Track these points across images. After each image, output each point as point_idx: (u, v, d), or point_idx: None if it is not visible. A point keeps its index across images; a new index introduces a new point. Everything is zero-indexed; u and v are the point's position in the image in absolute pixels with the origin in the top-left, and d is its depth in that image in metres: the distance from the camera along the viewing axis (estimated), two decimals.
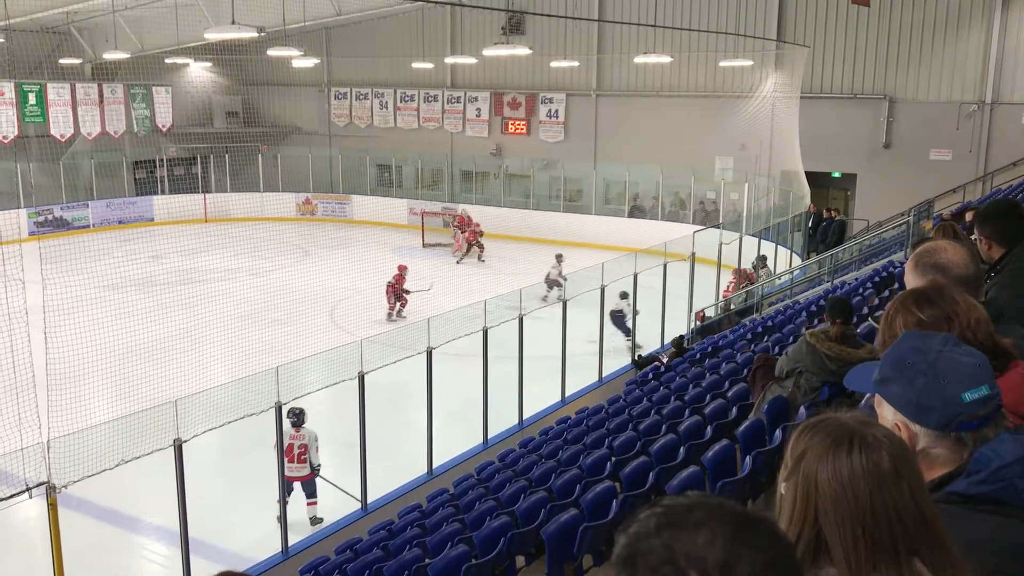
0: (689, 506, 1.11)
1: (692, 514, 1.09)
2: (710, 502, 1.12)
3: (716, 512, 1.10)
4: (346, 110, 34.04)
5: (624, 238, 25.39)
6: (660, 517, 1.10)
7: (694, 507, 1.10)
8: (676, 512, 1.10)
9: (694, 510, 1.10)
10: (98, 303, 17.47)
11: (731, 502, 1.12)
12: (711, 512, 1.09)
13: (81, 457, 8.17)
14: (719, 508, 1.11)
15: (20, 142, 27.61)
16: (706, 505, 1.11)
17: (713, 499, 1.13)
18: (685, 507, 1.11)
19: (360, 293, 21.38)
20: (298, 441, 10.61)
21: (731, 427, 7.11)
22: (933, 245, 2.94)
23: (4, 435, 9.89)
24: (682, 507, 1.11)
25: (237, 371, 12.67)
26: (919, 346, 1.84)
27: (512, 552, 6.65)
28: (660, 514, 1.11)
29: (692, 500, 1.12)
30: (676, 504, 1.12)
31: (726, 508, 1.11)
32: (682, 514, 1.10)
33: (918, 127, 23.72)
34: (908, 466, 1.44)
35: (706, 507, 1.10)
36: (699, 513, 1.09)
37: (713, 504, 1.11)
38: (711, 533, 1.06)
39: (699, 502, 1.12)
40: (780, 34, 25.24)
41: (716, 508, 1.10)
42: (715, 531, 1.06)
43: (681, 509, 1.10)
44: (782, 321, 12.83)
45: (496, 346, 12.51)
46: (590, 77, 29.04)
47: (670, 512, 1.10)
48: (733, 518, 1.09)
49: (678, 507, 1.11)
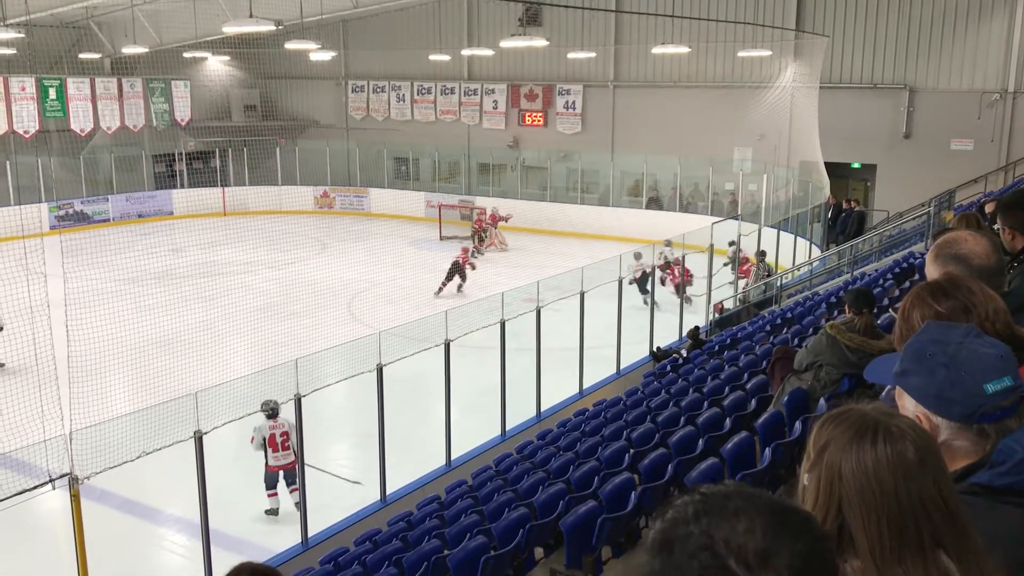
0: (727, 494, 1.10)
1: (730, 502, 1.09)
2: (748, 491, 1.11)
3: (754, 501, 1.09)
4: (363, 103, 34.09)
5: (642, 230, 25.33)
6: (698, 504, 1.09)
7: (732, 495, 1.10)
8: (714, 500, 1.10)
9: (732, 498, 1.09)
10: (119, 296, 17.60)
11: (767, 492, 1.12)
12: (749, 501, 1.09)
13: (103, 449, 8.25)
14: (757, 497, 1.10)
15: (41, 137, 27.85)
16: (744, 494, 1.10)
17: (750, 488, 1.12)
18: (723, 495, 1.10)
19: (378, 286, 21.44)
20: (279, 430, 10.65)
21: (750, 419, 7.08)
22: (954, 236, 2.91)
23: (27, 427, 10.01)
24: (720, 495, 1.10)
25: (256, 363, 12.74)
26: (940, 337, 1.83)
27: (531, 544, 6.67)
28: (698, 501, 1.10)
29: (730, 488, 1.12)
30: (714, 492, 1.11)
31: (764, 498, 1.11)
32: (720, 501, 1.09)
33: (939, 117, 23.49)
34: (933, 457, 1.43)
35: (744, 496, 1.10)
36: (737, 501, 1.09)
37: (751, 493, 1.11)
38: (750, 521, 1.06)
39: (737, 491, 1.11)
40: (799, 24, 25.04)
41: (754, 497, 1.10)
42: (754, 520, 1.06)
43: (719, 497, 1.10)
44: (801, 313, 12.76)
45: (513, 338, 12.52)
46: (607, 68, 28.93)
47: (708, 500, 1.10)
48: (771, 508, 1.09)
49: (716, 495, 1.11)
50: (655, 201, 28.48)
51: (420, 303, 19.44)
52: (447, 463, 11.35)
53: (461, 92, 32.03)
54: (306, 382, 9.90)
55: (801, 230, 22.63)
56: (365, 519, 10.00)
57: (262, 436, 10.67)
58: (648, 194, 28.56)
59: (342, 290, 20.51)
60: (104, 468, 8.24)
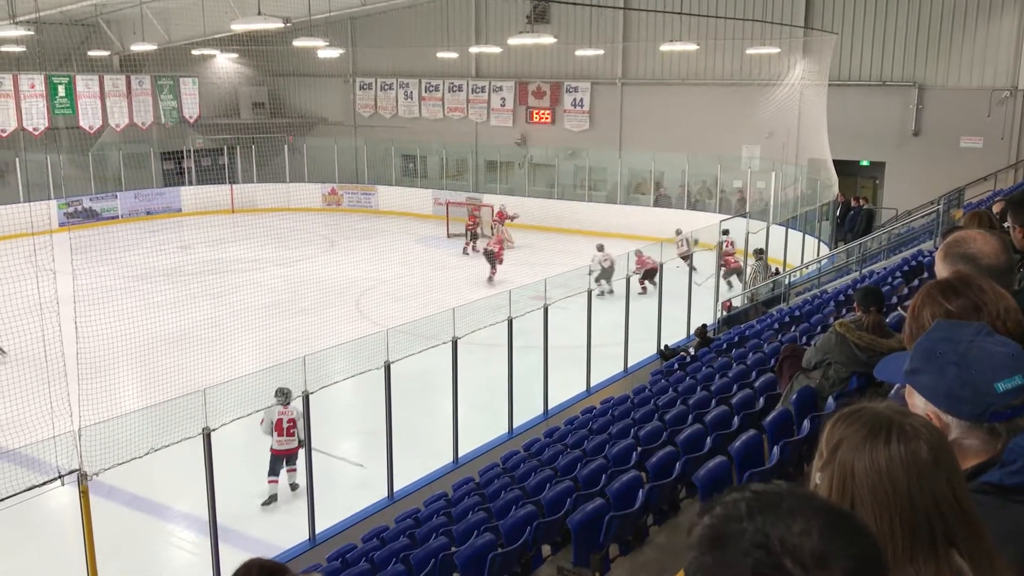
0: (780, 493, 1.09)
1: (784, 501, 1.07)
2: (800, 492, 1.10)
3: (808, 503, 1.08)
4: (371, 100, 34.11)
5: (649, 227, 25.30)
6: (751, 501, 1.08)
7: (785, 495, 1.08)
8: (768, 498, 1.08)
9: (785, 498, 1.08)
10: (127, 293, 17.68)
11: (818, 494, 1.11)
12: (803, 502, 1.08)
13: (112, 445, 8.29)
14: (810, 499, 1.09)
15: (50, 134, 27.92)
16: (798, 495, 1.09)
17: (803, 490, 1.11)
18: (776, 494, 1.09)
19: (385, 283, 21.46)
20: (287, 416, 11.07)
21: (758, 417, 7.07)
22: (963, 235, 2.90)
23: (37, 423, 10.05)
24: (773, 494, 1.09)
25: (264, 360, 12.76)
26: (950, 336, 1.82)
27: (538, 541, 6.67)
28: (750, 499, 1.08)
29: (782, 488, 1.10)
30: (766, 491, 1.10)
31: (817, 499, 1.10)
32: (774, 500, 1.08)
33: (948, 114, 23.40)
34: (947, 456, 1.42)
35: (797, 496, 1.09)
36: (791, 501, 1.07)
37: (805, 495, 1.10)
38: (806, 523, 1.04)
39: (789, 491, 1.10)
40: (808, 21, 24.97)
41: (807, 499, 1.09)
42: (810, 521, 1.05)
43: (772, 496, 1.08)
44: (809, 311, 12.74)
45: (521, 335, 12.52)
46: (615, 65, 28.89)
47: (761, 497, 1.08)
48: (826, 510, 1.08)
49: (769, 493, 1.09)
50: (664, 198, 28.44)
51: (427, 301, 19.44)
52: (454, 460, 11.37)
53: (469, 89, 32.02)
54: (314, 379, 9.93)
55: (809, 228, 22.58)
56: (372, 516, 10.02)
57: (271, 419, 11.09)
58: (656, 191, 28.51)
59: (350, 287, 20.53)
60: (113, 464, 8.28)
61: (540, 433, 11.25)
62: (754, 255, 18.69)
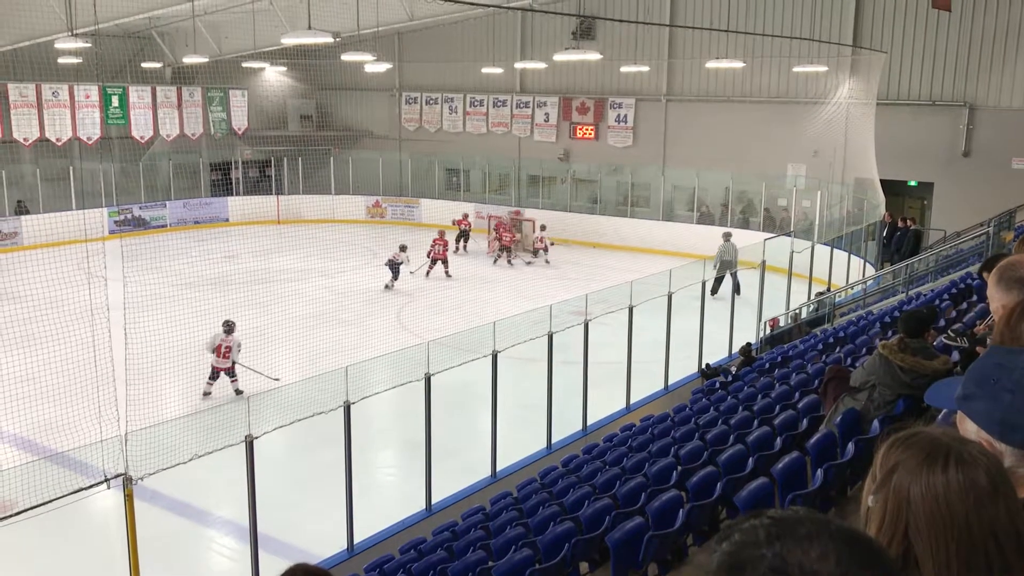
0: (798, 519, 1.10)
1: (802, 527, 1.08)
2: (818, 517, 1.11)
3: (826, 528, 1.09)
4: (416, 114, 34.40)
5: (692, 245, 25.15)
6: (769, 527, 1.09)
7: (803, 520, 1.09)
8: (786, 524, 1.09)
9: (804, 523, 1.09)
10: (175, 301, 17.96)
11: (836, 519, 1.11)
12: (821, 527, 1.09)
13: (157, 450, 8.41)
14: (828, 524, 1.10)
15: (103, 143, 28.54)
16: (815, 520, 1.10)
17: (819, 515, 1.12)
18: (794, 520, 1.10)
19: (426, 295, 21.57)
20: (225, 343, 14.54)
21: (801, 439, 6.99)
22: (1017, 259, 2.86)
23: (85, 427, 10.24)
24: (792, 520, 1.10)
25: (307, 370, 12.89)
26: (1004, 362, 1.79)
27: (576, 558, 6.64)
28: (768, 524, 1.10)
29: (799, 514, 1.11)
30: (784, 516, 1.11)
31: (835, 525, 1.10)
32: (792, 526, 1.09)
33: (999, 135, 23.00)
34: (1005, 484, 1.41)
35: (815, 522, 1.09)
36: (809, 527, 1.08)
37: (822, 520, 1.10)
38: (824, 548, 1.05)
39: (807, 516, 1.11)
40: (856, 39, 24.73)
41: (825, 524, 1.10)
42: (827, 547, 1.06)
43: (791, 521, 1.10)
44: (854, 332, 12.56)
45: (561, 350, 12.50)
46: (660, 82, 28.84)
47: (779, 523, 1.09)
48: (844, 535, 1.08)
49: (787, 519, 1.10)
50: (707, 216, 28.28)
51: (469, 313, 19.52)
52: (492, 474, 11.36)
53: (513, 104, 32.15)
54: (355, 389, 10.00)
55: (856, 248, 22.29)
56: (410, 527, 10.05)
57: (213, 343, 14.50)
58: (699, 209, 28.36)
59: (392, 299, 20.68)
60: (157, 469, 8.40)
61: (579, 449, 11.21)
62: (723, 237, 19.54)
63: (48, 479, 8.16)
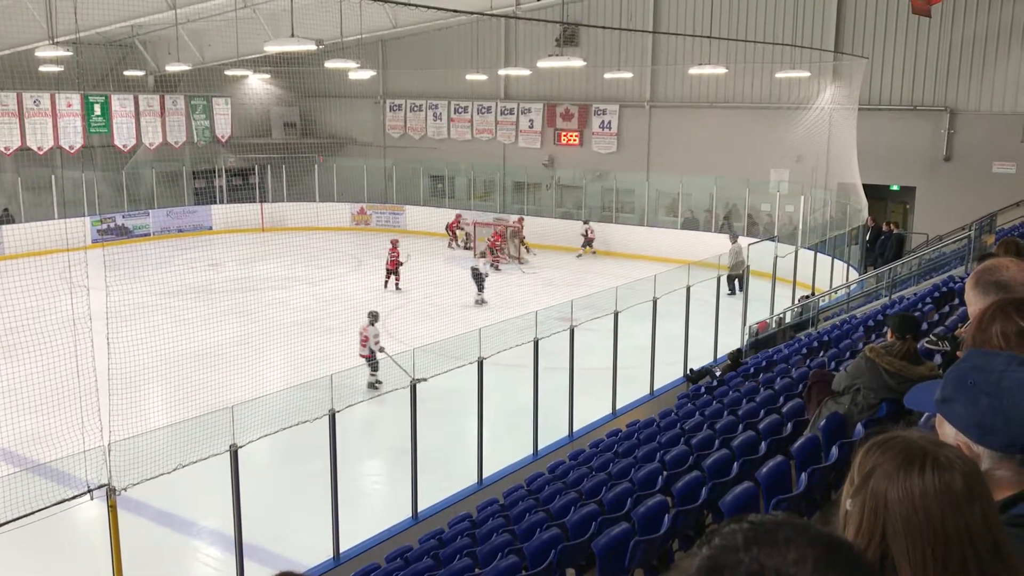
0: (777, 523, 1.11)
1: (780, 532, 1.09)
2: (796, 522, 1.12)
3: (804, 533, 1.10)
4: (401, 121, 34.40)
5: (677, 250, 25.23)
6: (747, 532, 1.10)
7: (782, 525, 1.10)
8: (764, 529, 1.10)
9: (782, 528, 1.10)
10: (158, 310, 17.87)
11: (815, 524, 1.12)
12: (799, 532, 1.09)
13: (140, 460, 8.35)
14: (807, 529, 1.11)
15: (85, 152, 28.41)
16: (793, 525, 1.11)
17: (798, 520, 1.13)
18: (773, 524, 1.11)
19: (413, 302, 21.54)
20: (364, 333, 15.52)
21: (786, 443, 7.01)
22: (996, 262, 2.88)
23: (68, 438, 10.16)
24: (769, 524, 1.11)
25: (292, 378, 12.84)
26: (982, 365, 1.81)
27: (562, 564, 6.63)
28: (747, 529, 1.10)
29: (778, 519, 1.12)
30: (762, 521, 1.12)
31: (813, 529, 1.11)
32: (770, 531, 1.09)
33: (980, 139, 23.20)
34: (982, 488, 1.42)
35: (794, 527, 1.10)
36: (787, 532, 1.09)
37: (800, 525, 1.11)
38: (801, 553, 1.06)
39: (785, 521, 1.11)
40: (838, 45, 24.90)
41: (804, 528, 1.11)
42: (804, 551, 1.07)
43: (769, 526, 1.10)
44: (838, 336, 12.62)
45: (547, 357, 12.51)
46: (644, 88, 28.95)
47: (757, 528, 1.10)
48: (821, 540, 1.09)
49: (765, 524, 1.11)
50: (690, 221, 28.38)
51: (454, 320, 19.50)
52: (479, 481, 11.35)
53: (497, 111, 32.20)
54: (340, 398, 9.97)
55: (839, 252, 22.42)
56: (396, 536, 10.02)
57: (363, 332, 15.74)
58: (683, 215, 28.46)
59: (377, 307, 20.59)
60: (141, 479, 8.35)
61: (565, 455, 11.21)
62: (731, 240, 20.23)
63: (31, 490, 8.10)
